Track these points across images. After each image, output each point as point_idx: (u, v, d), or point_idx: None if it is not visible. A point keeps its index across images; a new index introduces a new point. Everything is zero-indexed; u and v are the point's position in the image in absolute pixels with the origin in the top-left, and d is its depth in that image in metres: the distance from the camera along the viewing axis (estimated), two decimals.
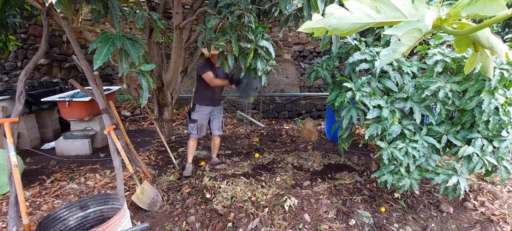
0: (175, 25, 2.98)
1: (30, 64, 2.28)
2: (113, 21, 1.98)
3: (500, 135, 2.31)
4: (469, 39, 0.61)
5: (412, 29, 0.46)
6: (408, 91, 2.46)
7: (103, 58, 1.68)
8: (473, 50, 0.63)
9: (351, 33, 0.52)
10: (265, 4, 3.01)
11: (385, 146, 2.40)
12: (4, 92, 4.31)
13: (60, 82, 5.73)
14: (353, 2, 0.47)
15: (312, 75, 3.09)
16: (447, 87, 2.22)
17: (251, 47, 2.53)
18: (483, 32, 0.57)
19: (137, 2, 2.87)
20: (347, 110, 2.61)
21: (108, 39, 1.75)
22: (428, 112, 2.42)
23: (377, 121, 2.46)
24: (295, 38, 6.47)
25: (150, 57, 3.13)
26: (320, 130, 5.41)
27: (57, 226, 1.99)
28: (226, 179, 3.16)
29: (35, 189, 3.04)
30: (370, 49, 2.66)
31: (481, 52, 0.64)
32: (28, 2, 2.31)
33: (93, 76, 2.36)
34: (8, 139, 2.03)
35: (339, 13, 0.48)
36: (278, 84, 6.64)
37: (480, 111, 2.20)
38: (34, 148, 4.29)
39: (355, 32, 0.53)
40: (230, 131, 5.31)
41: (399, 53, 0.49)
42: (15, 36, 5.25)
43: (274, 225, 2.40)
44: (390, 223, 2.46)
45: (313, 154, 4.09)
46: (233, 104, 6.70)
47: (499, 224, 2.47)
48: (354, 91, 2.52)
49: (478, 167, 2.25)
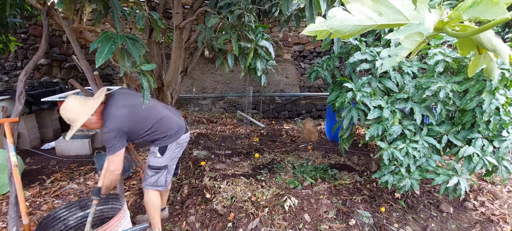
0: (175, 25, 2.98)
1: (30, 64, 2.28)
2: (114, 21, 1.98)
3: (501, 135, 2.31)
4: (472, 41, 0.61)
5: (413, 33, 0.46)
6: (408, 92, 2.46)
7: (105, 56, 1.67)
8: (476, 53, 0.63)
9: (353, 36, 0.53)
10: (265, 4, 3.01)
11: (386, 146, 2.40)
12: (4, 92, 4.31)
13: (60, 82, 5.72)
14: (355, 5, 0.47)
15: (313, 75, 3.09)
16: (448, 88, 2.22)
17: (251, 47, 2.53)
18: (486, 34, 0.57)
19: (137, 2, 2.87)
20: (348, 111, 2.61)
21: (109, 39, 1.74)
22: (428, 112, 2.42)
23: (377, 121, 2.46)
24: (295, 38, 6.47)
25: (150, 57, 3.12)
26: (320, 130, 5.41)
27: (57, 226, 1.99)
28: (226, 179, 3.17)
29: (35, 189, 3.04)
30: (371, 50, 2.66)
31: (485, 55, 0.64)
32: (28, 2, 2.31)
33: (93, 76, 2.36)
34: (8, 139, 2.03)
35: (341, 15, 0.48)
36: (278, 84, 6.64)
37: (481, 111, 2.21)
38: (34, 148, 4.29)
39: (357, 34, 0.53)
40: (230, 131, 5.31)
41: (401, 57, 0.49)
42: (15, 36, 5.25)
43: (274, 225, 2.40)
44: (390, 223, 2.46)
45: (313, 154, 4.09)
46: (233, 104, 6.69)
47: (499, 224, 2.48)
48: (355, 91, 2.52)
49: (478, 167, 2.26)
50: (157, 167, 2.11)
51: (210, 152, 4.10)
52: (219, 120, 6.08)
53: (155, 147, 2.10)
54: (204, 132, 5.20)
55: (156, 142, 2.08)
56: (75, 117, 1.82)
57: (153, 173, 2.12)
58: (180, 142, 2.16)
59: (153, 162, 2.11)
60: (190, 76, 6.35)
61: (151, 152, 2.13)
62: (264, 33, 2.66)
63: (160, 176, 2.13)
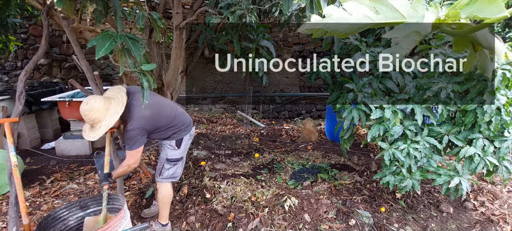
0: (175, 25, 2.98)
1: (30, 64, 2.28)
2: (115, 21, 1.98)
3: (502, 135, 2.30)
4: (467, 39, 0.61)
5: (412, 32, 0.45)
6: (409, 92, 2.45)
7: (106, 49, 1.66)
8: (472, 50, 0.63)
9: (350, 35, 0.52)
10: (265, 4, 3.01)
11: (387, 147, 2.40)
12: (4, 92, 4.31)
13: (60, 82, 5.73)
14: (352, 4, 0.47)
15: (313, 75, 3.08)
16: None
17: (252, 47, 2.53)
18: (482, 32, 0.57)
19: (137, 2, 2.87)
20: (349, 112, 2.60)
21: (109, 37, 1.74)
22: (429, 113, 2.42)
23: (379, 122, 2.45)
24: (295, 38, 6.47)
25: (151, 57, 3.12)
26: (320, 130, 5.41)
27: (58, 226, 1.99)
28: (226, 179, 3.16)
29: (35, 189, 3.04)
30: (371, 50, 2.66)
31: (480, 52, 0.63)
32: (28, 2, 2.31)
33: (93, 76, 2.35)
34: (8, 139, 2.03)
35: (337, 14, 0.48)
36: (278, 84, 6.64)
37: (482, 111, 2.20)
38: (34, 148, 4.29)
39: (354, 33, 0.52)
40: (230, 131, 5.31)
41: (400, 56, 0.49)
42: (15, 36, 5.25)
43: (274, 225, 2.40)
44: (390, 223, 2.46)
45: (313, 154, 4.09)
46: (233, 104, 6.69)
47: (499, 224, 2.47)
48: (356, 92, 2.52)
49: (479, 167, 2.25)
50: (175, 159, 2.27)
51: (210, 152, 4.10)
52: (219, 120, 6.07)
53: (171, 140, 2.22)
54: (204, 132, 5.19)
55: (173, 136, 2.21)
56: (100, 118, 1.82)
57: (171, 165, 2.26)
58: (192, 133, 2.36)
59: (172, 155, 2.25)
60: (190, 76, 6.35)
61: (167, 146, 2.25)
62: (265, 33, 2.67)
63: (177, 167, 2.30)
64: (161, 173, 2.27)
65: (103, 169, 2.17)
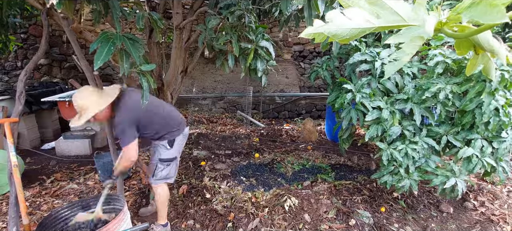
0: (175, 25, 2.98)
1: (30, 64, 2.27)
2: (113, 21, 1.98)
3: (500, 136, 2.31)
4: (469, 42, 0.61)
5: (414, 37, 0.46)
6: (408, 93, 2.46)
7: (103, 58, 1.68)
8: (474, 53, 0.63)
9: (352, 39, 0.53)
10: (265, 4, 3.01)
11: (385, 147, 2.40)
12: (4, 92, 4.31)
13: (60, 82, 5.72)
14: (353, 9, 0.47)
15: (312, 76, 3.09)
16: (447, 89, 2.22)
17: (251, 47, 2.53)
18: (484, 35, 0.57)
19: (137, 2, 2.87)
20: (347, 112, 2.61)
21: (108, 39, 1.74)
22: (428, 113, 2.42)
23: (377, 122, 2.46)
24: (295, 39, 6.47)
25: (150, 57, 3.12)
26: (320, 130, 5.41)
27: (58, 226, 1.99)
28: (226, 179, 3.17)
29: (35, 189, 3.04)
30: (371, 50, 2.66)
31: (483, 55, 0.64)
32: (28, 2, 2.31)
33: (93, 76, 2.35)
34: (8, 139, 2.03)
35: (338, 19, 0.48)
36: (278, 84, 6.64)
37: (481, 112, 2.20)
38: (34, 148, 4.29)
39: (355, 38, 0.53)
40: (230, 131, 5.31)
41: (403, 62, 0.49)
42: (15, 36, 5.24)
43: (274, 225, 2.40)
44: (390, 223, 2.46)
45: (313, 154, 4.09)
46: (233, 104, 6.69)
47: (499, 224, 2.48)
48: (355, 93, 2.52)
49: (477, 168, 2.26)
50: (168, 159, 2.26)
51: (210, 152, 4.10)
52: (219, 120, 6.08)
53: (164, 140, 2.23)
54: (204, 132, 5.20)
55: (165, 136, 2.21)
56: (87, 105, 1.89)
57: (165, 165, 2.26)
58: (185, 133, 2.35)
59: (165, 155, 2.25)
60: (190, 76, 6.35)
61: (160, 146, 2.26)
62: (264, 33, 2.66)
63: (170, 168, 2.28)
64: (154, 174, 2.27)
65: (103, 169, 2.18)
